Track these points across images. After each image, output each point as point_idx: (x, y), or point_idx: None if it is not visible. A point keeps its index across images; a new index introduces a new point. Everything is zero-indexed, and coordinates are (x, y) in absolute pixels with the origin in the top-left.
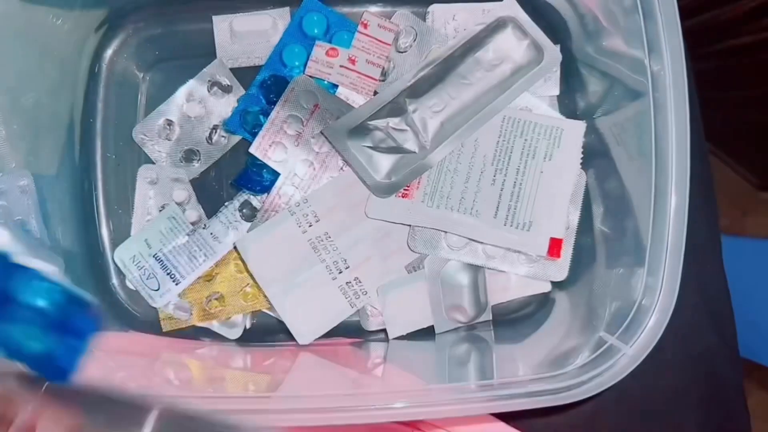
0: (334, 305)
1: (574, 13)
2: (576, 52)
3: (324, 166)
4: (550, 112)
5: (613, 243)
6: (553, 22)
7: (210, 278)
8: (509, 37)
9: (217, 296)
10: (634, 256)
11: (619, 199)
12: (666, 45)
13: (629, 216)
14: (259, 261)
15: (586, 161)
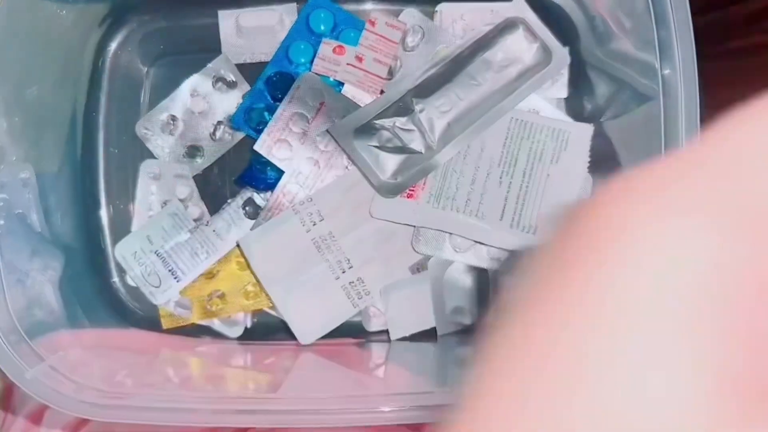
0: (337, 305)
1: (583, 15)
2: (584, 55)
3: (329, 164)
4: (558, 115)
5: None
6: (562, 24)
7: (211, 276)
8: (519, 39)
9: (219, 294)
10: None
11: None
12: (678, 50)
13: None
14: (262, 259)
15: (593, 165)
